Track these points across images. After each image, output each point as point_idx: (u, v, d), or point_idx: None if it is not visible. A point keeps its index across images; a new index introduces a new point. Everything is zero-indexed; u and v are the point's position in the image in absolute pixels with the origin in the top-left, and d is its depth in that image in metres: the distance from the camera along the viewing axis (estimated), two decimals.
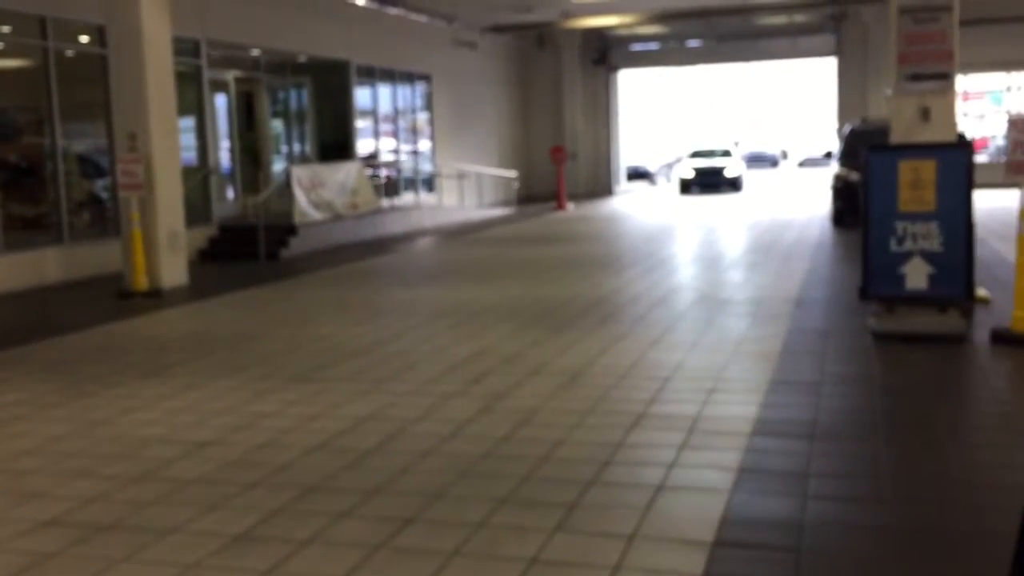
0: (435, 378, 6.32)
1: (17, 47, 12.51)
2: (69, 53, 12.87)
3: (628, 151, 32.59)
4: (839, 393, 5.67)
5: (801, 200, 23.55)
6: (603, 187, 29.39)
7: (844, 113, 24.79)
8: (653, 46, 30.17)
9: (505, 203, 24.20)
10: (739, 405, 5.42)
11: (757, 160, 48.57)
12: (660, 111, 44.73)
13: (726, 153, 29.63)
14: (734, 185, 27.85)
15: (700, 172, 28.00)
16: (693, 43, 29.47)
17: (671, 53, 30.54)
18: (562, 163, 23.44)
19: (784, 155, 52.85)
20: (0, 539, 3.88)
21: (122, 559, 3.65)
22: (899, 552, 3.50)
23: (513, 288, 10.38)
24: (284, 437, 5.14)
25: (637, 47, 30.00)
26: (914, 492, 4.07)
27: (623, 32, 27.88)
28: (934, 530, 3.68)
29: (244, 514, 4.05)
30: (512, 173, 24.72)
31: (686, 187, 28.01)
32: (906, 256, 6.98)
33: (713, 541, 3.61)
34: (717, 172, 27.94)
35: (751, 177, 34.39)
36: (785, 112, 59.85)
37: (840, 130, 20.56)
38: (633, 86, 33.78)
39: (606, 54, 29.28)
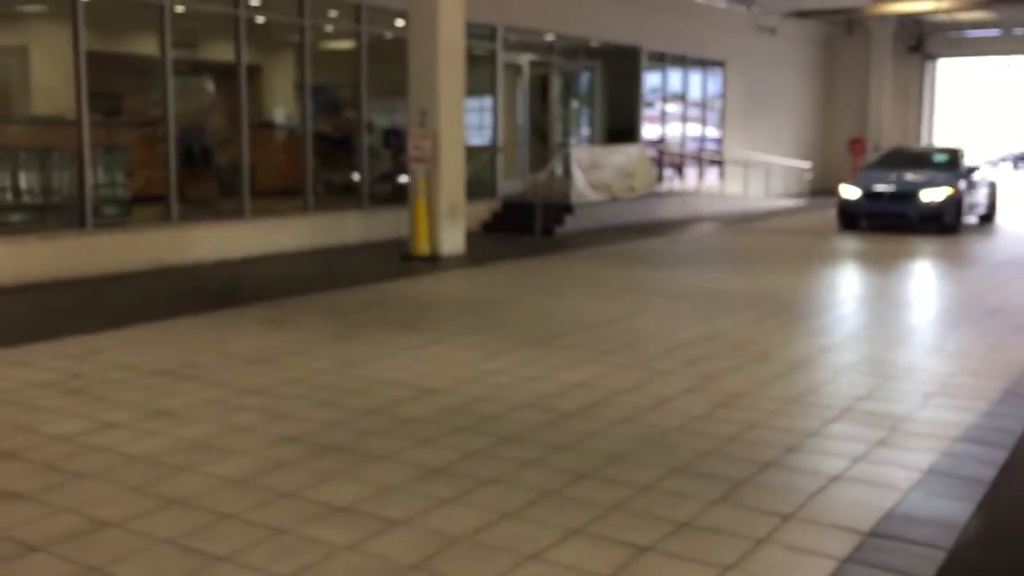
0: (656, 355, 6.58)
1: (339, 31, 14.03)
2: (386, 36, 14.21)
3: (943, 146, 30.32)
4: None
5: None
6: None
7: None
8: (979, 33, 27.85)
9: (796, 194, 23.54)
10: (955, 411, 5.24)
11: None
12: (991, 104, 41.13)
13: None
14: (938, 220, 15.12)
15: (871, 195, 15.55)
16: None
17: (1000, 41, 28.02)
18: (860, 156, 22.43)
19: None
20: (251, 446, 4.67)
21: (339, 474, 4.29)
22: None
23: (768, 278, 10.31)
24: (501, 393, 5.64)
25: (961, 34, 27.83)
26: None
27: (942, 18, 25.99)
28: None
29: (446, 452, 4.58)
30: (805, 164, 23.97)
31: (848, 219, 15.83)
32: None
33: (869, 531, 3.65)
34: (905, 196, 15.27)
35: None
36: None
37: None
38: (956, 75, 31.31)
39: (922, 41, 27.47)
